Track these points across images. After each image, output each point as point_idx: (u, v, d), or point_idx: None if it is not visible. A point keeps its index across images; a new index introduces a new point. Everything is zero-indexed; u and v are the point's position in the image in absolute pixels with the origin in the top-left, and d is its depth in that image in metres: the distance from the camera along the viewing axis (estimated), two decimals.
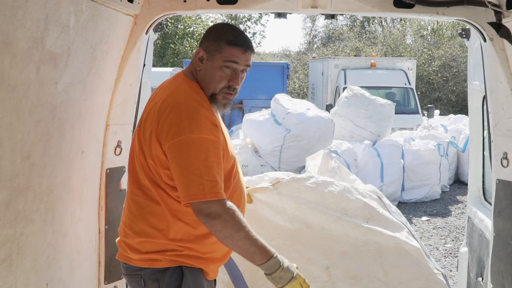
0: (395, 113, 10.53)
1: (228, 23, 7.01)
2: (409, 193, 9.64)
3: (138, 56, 3.02)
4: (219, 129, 2.30)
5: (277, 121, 9.20)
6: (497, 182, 3.07)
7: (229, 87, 2.34)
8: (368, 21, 32.55)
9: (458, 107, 23.70)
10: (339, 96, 12.31)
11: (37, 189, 2.16)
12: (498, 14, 2.62)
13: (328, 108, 12.69)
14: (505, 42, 2.74)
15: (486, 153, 3.74)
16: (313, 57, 20.77)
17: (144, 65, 3.16)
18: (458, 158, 11.13)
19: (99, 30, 2.46)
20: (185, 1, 2.90)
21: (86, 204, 2.82)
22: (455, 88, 24.48)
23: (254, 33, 30.05)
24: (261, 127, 9.22)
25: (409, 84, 14.33)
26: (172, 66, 22.32)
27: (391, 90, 14.30)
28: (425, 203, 9.57)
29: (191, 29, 26.05)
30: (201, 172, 2.16)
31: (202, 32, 25.09)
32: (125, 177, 3.11)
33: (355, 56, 22.48)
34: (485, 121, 3.45)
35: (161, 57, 24.21)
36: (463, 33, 3.51)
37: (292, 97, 10.61)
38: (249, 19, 29.47)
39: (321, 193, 2.86)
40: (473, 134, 3.94)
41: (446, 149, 10.19)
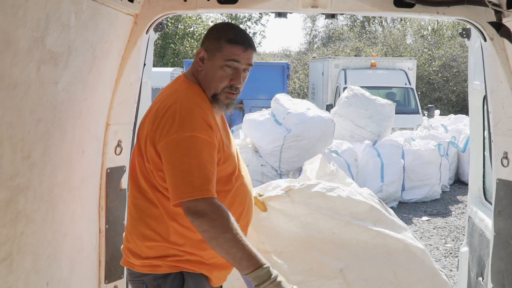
0: (396, 113, 10.53)
1: (229, 22, 6.99)
2: (409, 193, 9.63)
3: (138, 55, 3.02)
4: (215, 131, 2.23)
5: (278, 121, 9.19)
6: (498, 181, 3.07)
7: (231, 86, 2.30)
8: (368, 21, 32.54)
9: (458, 107, 23.70)
10: (339, 96, 12.30)
11: (38, 189, 2.16)
12: (498, 13, 2.61)
13: (328, 108, 12.69)
14: (506, 41, 2.74)
15: (486, 153, 3.73)
16: (313, 57, 20.77)
17: (144, 65, 3.16)
18: (458, 158, 11.13)
19: (100, 29, 2.46)
20: (185, 0, 2.89)
21: (86, 203, 2.81)
22: (455, 88, 24.48)
23: (254, 33, 30.07)
24: (262, 127, 9.21)
25: (410, 84, 14.35)
26: (172, 66, 22.30)
27: (392, 90, 14.31)
28: (426, 203, 9.57)
29: (192, 29, 26.06)
30: (191, 170, 2.09)
31: (202, 32, 25.11)
32: (125, 177, 3.11)
33: (355, 56, 22.48)
34: (486, 121, 3.45)
35: (161, 57, 24.22)
36: (464, 32, 3.51)
37: (292, 97, 10.60)
38: (249, 19, 29.51)
39: (331, 198, 2.86)
40: (474, 133, 3.93)
41: (446, 149, 10.19)
